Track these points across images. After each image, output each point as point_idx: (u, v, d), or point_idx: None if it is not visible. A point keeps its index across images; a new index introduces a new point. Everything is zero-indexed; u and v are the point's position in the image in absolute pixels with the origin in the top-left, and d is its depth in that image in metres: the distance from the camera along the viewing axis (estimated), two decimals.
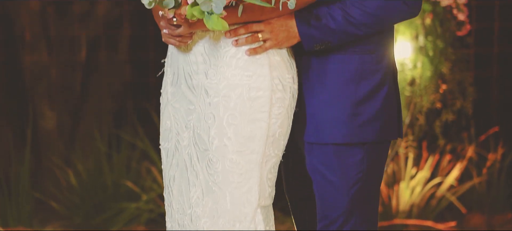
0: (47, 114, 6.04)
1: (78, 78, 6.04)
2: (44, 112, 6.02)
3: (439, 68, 4.47)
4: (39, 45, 5.97)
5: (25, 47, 5.95)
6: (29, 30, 5.96)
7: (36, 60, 5.96)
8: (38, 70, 5.97)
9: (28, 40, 5.96)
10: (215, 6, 2.46)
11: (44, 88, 6.00)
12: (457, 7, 4.43)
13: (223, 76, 2.65)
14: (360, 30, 2.65)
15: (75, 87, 6.04)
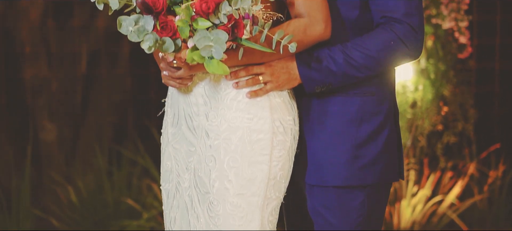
0: (48, 127, 6.03)
1: (78, 91, 6.03)
2: (45, 125, 6.01)
3: (441, 91, 4.46)
4: (39, 58, 5.96)
5: (25, 60, 5.94)
6: (29, 44, 5.95)
7: (36, 73, 5.95)
8: (39, 83, 5.96)
9: (28, 53, 5.95)
10: (215, 51, 2.45)
11: (45, 101, 5.99)
12: (458, 30, 4.41)
13: (223, 118, 2.64)
14: (361, 73, 2.63)
15: (75, 100, 6.03)
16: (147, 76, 6.08)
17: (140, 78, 6.08)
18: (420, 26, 2.64)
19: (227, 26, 2.49)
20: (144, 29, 2.50)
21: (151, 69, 6.05)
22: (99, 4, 2.52)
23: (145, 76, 6.07)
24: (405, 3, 2.62)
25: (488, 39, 5.77)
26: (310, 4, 2.60)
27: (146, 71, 6.08)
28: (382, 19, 2.64)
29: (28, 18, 5.96)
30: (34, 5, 5.97)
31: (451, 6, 4.38)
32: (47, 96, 5.97)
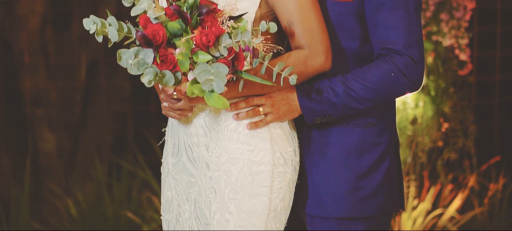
0: (47, 137, 6.02)
1: (77, 101, 6.02)
2: (44, 135, 6.00)
3: (441, 108, 4.45)
4: (38, 68, 5.95)
5: (24, 69, 5.93)
6: (28, 53, 5.94)
7: (35, 83, 5.94)
8: (38, 93, 5.95)
9: (27, 62, 5.94)
10: (216, 85, 2.44)
11: (44, 111, 5.98)
12: (459, 47, 4.40)
13: (224, 150, 2.63)
14: (361, 104, 2.62)
15: (74, 110, 6.02)
16: (149, 89, 6.05)
17: (140, 88, 6.07)
18: (421, 58, 2.63)
19: (227, 59, 2.48)
20: (144, 62, 2.49)
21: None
22: (99, 36, 2.51)
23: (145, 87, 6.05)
24: (406, 35, 2.61)
25: (489, 51, 5.75)
26: (311, 35, 2.59)
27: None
28: (382, 51, 2.63)
29: (27, 27, 5.95)
30: (32, 14, 5.96)
31: (451, 23, 4.36)
32: (46, 106, 5.96)
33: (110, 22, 2.51)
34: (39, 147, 5.95)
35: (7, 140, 5.97)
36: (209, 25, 2.51)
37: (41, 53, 5.95)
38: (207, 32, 2.47)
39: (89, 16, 2.52)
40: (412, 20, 2.63)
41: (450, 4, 4.36)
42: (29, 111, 5.95)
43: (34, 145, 5.92)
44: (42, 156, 5.95)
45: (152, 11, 2.48)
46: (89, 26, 2.48)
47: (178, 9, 2.50)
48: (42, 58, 5.94)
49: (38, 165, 5.93)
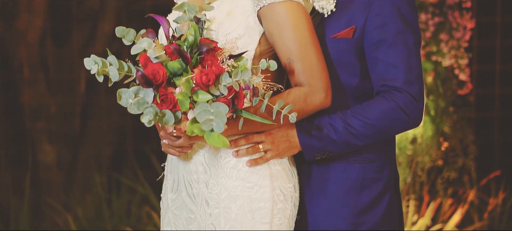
0: (46, 150, 6.02)
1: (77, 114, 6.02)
2: (43, 148, 6.00)
3: (441, 127, 4.44)
4: (38, 81, 5.95)
5: (23, 83, 5.93)
6: (28, 66, 5.94)
7: (34, 96, 5.94)
8: (37, 106, 5.95)
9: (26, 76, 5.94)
10: (216, 125, 2.44)
11: (43, 124, 5.98)
12: (458, 67, 4.39)
13: (223, 187, 2.63)
14: (361, 141, 2.63)
15: (74, 123, 6.02)
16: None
17: None
18: (420, 95, 2.63)
19: (227, 98, 2.48)
20: (144, 101, 2.48)
21: None
22: (99, 76, 2.51)
23: None
24: (405, 72, 2.61)
25: (488, 65, 5.76)
26: (311, 73, 2.59)
27: None
28: (382, 88, 2.63)
29: (26, 41, 5.95)
30: (32, 28, 5.96)
31: (451, 43, 4.36)
32: (46, 120, 5.96)
33: (110, 62, 2.51)
34: (38, 160, 5.95)
35: (7, 153, 5.97)
36: (209, 63, 2.51)
37: (41, 67, 5.95)
38: (207, 71, 2.47)
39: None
40: (412, 56, 2.63)
41: (449, 25, 4.35)
42: (29, 124, 5.95)
43: (34, 158, 5.92)
44: (42, 169, 5.96)
45: (152, 50, 2.48)
46: (90, 66, 2.48)
47: (178, 48, 2.49)
48: (41, 71, 5.94)
49: (37, 178, 5.93)
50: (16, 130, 5.99)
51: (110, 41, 6.08)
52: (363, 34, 2.65)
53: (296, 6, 2.61)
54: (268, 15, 2.62)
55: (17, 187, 5.88)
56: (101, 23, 6.02)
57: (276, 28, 2.61)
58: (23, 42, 5.92)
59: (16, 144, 6.01)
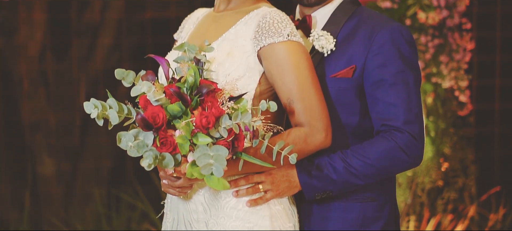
0: (46, 162, 6.02)
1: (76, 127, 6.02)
2: (43, 160, 6.00)
3: (441, 149, 4.44)
4: (38, 93, 5.95)
5: (23, 95, 5.93)
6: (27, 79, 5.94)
7: (34, 108, 5.94)
8: (37, 119, 5.95)
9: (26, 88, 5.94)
10: (216, 169, 2.43)
11: (43, 136, 5.98)
12: (458, 89, 4.39)
13: (223, 227, 2.62)
14: (361, 180, 2.62)
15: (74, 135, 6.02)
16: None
17: None
18: (420, 134, 2.63)
19: (227, 140, 2.47)
20: (143, 144, 2.48)
21: None
22: (99, 120, 2.50)
23: None
24: (405, 112, 2.61)
25: (488, 80, 5.75)
26: (311, 113, 2.59)
27: None
28: (382, 127, 2.62)
29: (26, 54, 5.94)
30: (32, 42, 5.95)
31: (451, 65, 4.35)
32: (45, 133, 5.96)
33: (110, 104, 2.50)
34: (38, 173, 5.95)
35: (7, 166, 5.97)
36: (209, 105, 2.50)
37: (41, 80, 5.95)
38: (207, 113, 2.47)
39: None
40: (412, 96, 2.63)
41: (449, 47, 4.35)
42: (29, 138, 5.95)
43: (34, 171, 5.92)
44: (41, 182, 5.95)
45: (152, 93, 2.48)
46: (90, 110, 2.48)
47: (178, 91, 2.49)
48: (41, 85, 5.94)
49: (37, 192, 5.93)
50: (16, 143, 5.99)
51: (110, 53, 6.08)
52: (363, 73, 2.65)
53: (296, 46, 2.61)
54: (268, 55, 2.61)
55: (16, 200, 5.88)
56: (101, 36, 6.01)
57: (276, 68, 2.61)
58: (23, 56, 5.92)
59: (15, 157, 6.01)
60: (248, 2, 2.74)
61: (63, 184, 6.00)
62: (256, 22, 2.63)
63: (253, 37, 2.62)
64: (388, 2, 4.30)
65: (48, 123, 5.97)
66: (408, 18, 4.32)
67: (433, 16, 4.26)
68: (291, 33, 2.61)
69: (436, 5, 4.27)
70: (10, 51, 5.91)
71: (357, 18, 2.72)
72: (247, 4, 2.74)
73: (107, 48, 6.04)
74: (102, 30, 6.03)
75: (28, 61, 5.94)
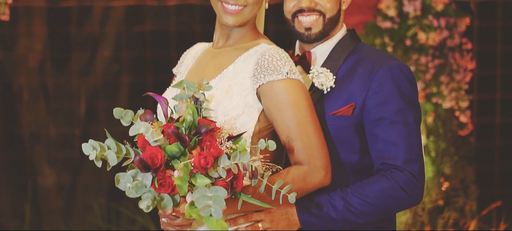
0: (46, 172, 6.02)
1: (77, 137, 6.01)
2: (43, 170, 6.00)
3: (441, 169, 4.42)
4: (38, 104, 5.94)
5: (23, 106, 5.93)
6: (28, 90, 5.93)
7: (34, 119, 5.93)
8: (37, 129, 5.94)
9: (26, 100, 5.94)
10: (214, 211, 2.42)
11: (43, 147, 5.98)
12: (459, 109, 4.37)
13: None
14: (361, 219, 2.61)
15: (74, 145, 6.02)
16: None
17: None
18: (421, 173, 2.62)
19: (226, 180, 2.46)
20: (142, 185, 2.47)
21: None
22: (98, 161, 2.49)
23: None
24: (406, 150, 2.59)
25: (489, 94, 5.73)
26: (310, 151, 2.57)
27: None
28: (382, 166, 2.61)
29: (26, 65, 5.94)
30: (32, 53, 5.94)
31: (451, 85, 4.34)
32: (45, 143, 5.95)
33: (108, 145, 2.49)
34: (38, 184, 5.94)
35: (7, 177, 5.96)
36: (208, 145, 2.49)
37: (41, 92, 5.94)
38: (206, 154, 2.45)
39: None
40: (412, 134, 2.61)
41: (450, 67, 4.33)
42: (29, 149, 5.94)
43: (34, 182, 5.91)
44: (42, 193, 5.95)
45: (150, 134, 2.46)
46: (88, 152, 2.46)
47: (177, 131, 2.47)
48: (41, 96, 5.94)
49: (37, 202, 5.93)
50: (16, 154, 5.98)
51: (110, 65, 6.07)
52: (363, 111, 2.64)
53: (295, 84, 2.59)
54: (267, 93, 2.60)
55: (17, 211, 5.88)
56: (100, 48, 6.00)
57: (275, 106, 2.59)
58: (23, 68, 5.91)
59: (16, 168, 6.00)
60: (247, 38, 2.72)
61: (63, 196, 6.00)
62: (255, 60, 2.62)
63: (252, 74, 2.61)
64: (388, 23, 4.28)
65: (48, 134, 5.96)
66: (409, 38, 4.31)
67: (433, 37, 4.24)
68: (290, 70, 2.59)
69: (436, 26, 4.26)
70: (10, 63, 5.90)
71: (357, 55, 2.71)
72: (246, 40, 2.72)
73: (107, 60, 6.03)
74: (101, 42, 6.01)
75: (28, 72, 5.93)
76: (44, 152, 5.97)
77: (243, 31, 2.72)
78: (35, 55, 5.96)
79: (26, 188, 5.88)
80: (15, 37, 5.89)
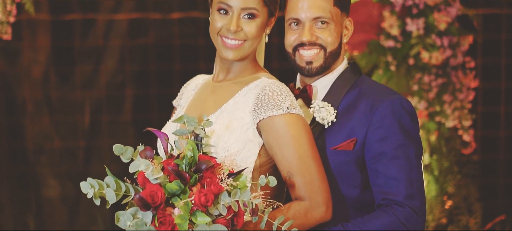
0: (50, 184, 6.03)
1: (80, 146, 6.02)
2: (47, 182, 6.00)
3: (445, 188, 4.41)
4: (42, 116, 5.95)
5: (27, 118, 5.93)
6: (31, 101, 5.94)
7: (38, 130, 5.94)
8: (41, 140, 5.95)
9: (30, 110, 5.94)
10: None
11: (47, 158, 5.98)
12: (462, 128, 4.36)
13: None
14: None
15: (78, 155, 6.02)
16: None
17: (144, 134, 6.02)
18: (422, 208, 2.61)
19: (226, 218, 2.45)
20: (142, 223, 2.46)
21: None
22: (96, 199, 2.49)
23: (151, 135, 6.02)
24: (407, 186, 2.58)
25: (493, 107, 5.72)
26: (311, 187, 2.57)
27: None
28: (383, 201, 2.60)
29: (30, 76, 5.94)
30: (36, 64, 5.95)
31: (454, 104, 4.32)
32: (49, 154, 5.96)
33: (107, 183, 2.48)
34: (42, 195, 5.95)
35: (11, 188, 5.97)
36: (208, 182, 2.48)
37: (44, 103, 5.95)
38: (206, 191, 2.45)
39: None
40: (413, 169, 2.61)
41: (453, 86, 4.32)
42: (33, 160, 5.95)
43: (38, 193, 5.92)
44: (46, 204, 5.96)
45: (150, 172, 2.45)
46: (86, 190, 2.46)
47: (177, 169, 2.47)
48: (45, 107, 5.95)
49: (41, 213, 5.94)
50: (20, 166, 5.99)
51: (114, 77, 6.07)
52: (364, 146, 2.63)
53: (296, 118, 2.59)
54: (267, 128, 2.59)
55: (21, 222, 5.89)
56: (104, 60, 6.00)
57: (275, 141, 2.59)
58: (27, 79, 5.92)
59: (20, 179, 6.01)
60: (247, 72, 2.72)
61: (67, 208, 6.00)
62: (255, 95, 2.61)
63: (252, 109, 2.60)
64: (391, 41, 4.27)
65: (52, 146, 5.97)
66: (412, 57, 4.30)
67: (436, 56, 4.23)
68: (291, 105, 2.59)
69: (439, 45, 4.24)
70: (13, 75, 5.91)
71: (358, 89, 2.70)
72: (246, 74, 2.72)
73: (111, 72, 6.03)
74: (105, 55, 6.02)
75: (31, 85, 5.93)
76: (48, 164, 5.98)
77: (243, 65, 2.71)
78: (39, 67, 5.96)
79: (29, 200, 5.89)
80: (18, 49, 5.89)
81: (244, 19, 2.65)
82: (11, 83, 5.95)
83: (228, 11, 2.67)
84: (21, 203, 5.98)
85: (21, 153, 6.01)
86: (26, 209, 5.91)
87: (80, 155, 6.04)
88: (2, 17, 4.04)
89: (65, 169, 6.01)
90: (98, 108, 6.06)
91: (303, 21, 2.71)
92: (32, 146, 5.95)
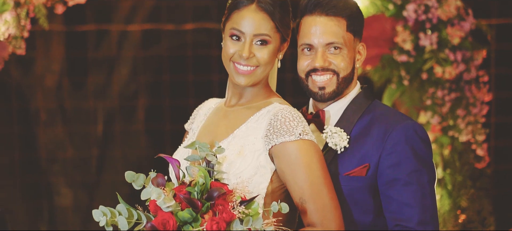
0: (63, 192, 6.04)
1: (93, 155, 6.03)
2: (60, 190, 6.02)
3: (458, 202, 4.39)
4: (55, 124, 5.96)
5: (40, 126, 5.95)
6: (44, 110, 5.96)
7: (51, 138, 5.96)
8: (54, 148, 5.97)
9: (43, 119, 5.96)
10: None
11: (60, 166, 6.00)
12: (476, 142, 4.33)
13: None
14: None
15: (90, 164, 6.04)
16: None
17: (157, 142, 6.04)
18: None
19: None
20: None
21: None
22: (108, 227, 2.49)
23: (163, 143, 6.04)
24: (420, 212, 2.57)
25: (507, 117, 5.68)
26: (323, 213, 2.56)
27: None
28: (396, 227, 2.59)
29: (43, 85, 5.96)
30: (49, 73, 5.97)
31: (468, 119, 4.30)
32: (62, 162, 5.97)
33: (119, 211, 2.49)
34: (55, 203, 5.97)
35: (24, 196, 5.99)
36: (220, 209, 2.47)
37: (58, 111, 5.97)
38: (218, 219, 2.44)
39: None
40: (426, 195, 2.59)
41: (466, 100, 4.29)
42: (46, 168, 5.97)
43: (51, 201, 5.94)
44: (59, 212, 5.98)
45: (162, 200, 2.45)
46: (98, 218, 2.46)
47: (188, 197, 2.46)
48: (58, 116, 5.96)
49: (54, 221, 5.95)
50: (33, 174, 6.01)
51: (127, 87, 6.08)
52: (377, 172, 2.62)
53: (308, 144, 2.58)
54: (279, 154, 2.58)
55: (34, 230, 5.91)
56: (117, 70, 6.01)
57: (288, 167, 2.58)
58: (40, 89, 5.93)
59: (33, 187, 6.03)
60: (259, 97, 2.71)
61: (79, 216, 6.02)
62: (268, 120, 2.60)
63: (265, 135, 2.59)
64: (404, 56, 4.25)
65: (65, 154, 5.99)
66: (425, 72, 4.27)
67: (450, 71, 4.21)
68: (303, 131, 2.58)
69: (453, 60, 4.22)
70: (27, 85, 5.93)
71: (371, 115, 2.69)
72: (258, 99, 2.71)
73: (124, 82, 6.04)
74: (118, 64, 6.03)
75: (45, 94, 5.95)
76: (61, 173, 5.99)
77: (255, 90, 2.71)
78: (53, 77, 5.98)
79: (42, 208, 5.91)
80: (32, 59, 5.91)
81: (257, 45, 2.64)
82: (25, 93, 5.97)
83: (241, 38, 2.66)
84: (34, 212, 6.00)
85: (34, 162, 6.02)
86: (39, 217, 5.93)
87: (93, 164, 6.06)
88: (16, 32, 4.04)
89: (78, 178, 6.02)
90: (111, 117, 6.07)
91: (316, 47, 2.70)
92: (45, 155, 5.97)
